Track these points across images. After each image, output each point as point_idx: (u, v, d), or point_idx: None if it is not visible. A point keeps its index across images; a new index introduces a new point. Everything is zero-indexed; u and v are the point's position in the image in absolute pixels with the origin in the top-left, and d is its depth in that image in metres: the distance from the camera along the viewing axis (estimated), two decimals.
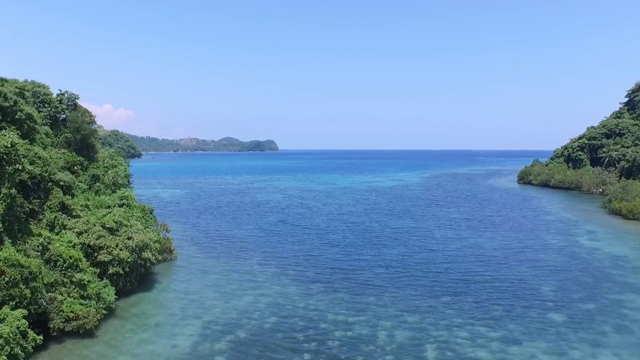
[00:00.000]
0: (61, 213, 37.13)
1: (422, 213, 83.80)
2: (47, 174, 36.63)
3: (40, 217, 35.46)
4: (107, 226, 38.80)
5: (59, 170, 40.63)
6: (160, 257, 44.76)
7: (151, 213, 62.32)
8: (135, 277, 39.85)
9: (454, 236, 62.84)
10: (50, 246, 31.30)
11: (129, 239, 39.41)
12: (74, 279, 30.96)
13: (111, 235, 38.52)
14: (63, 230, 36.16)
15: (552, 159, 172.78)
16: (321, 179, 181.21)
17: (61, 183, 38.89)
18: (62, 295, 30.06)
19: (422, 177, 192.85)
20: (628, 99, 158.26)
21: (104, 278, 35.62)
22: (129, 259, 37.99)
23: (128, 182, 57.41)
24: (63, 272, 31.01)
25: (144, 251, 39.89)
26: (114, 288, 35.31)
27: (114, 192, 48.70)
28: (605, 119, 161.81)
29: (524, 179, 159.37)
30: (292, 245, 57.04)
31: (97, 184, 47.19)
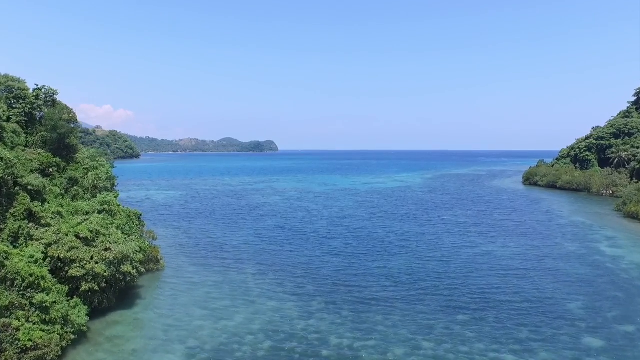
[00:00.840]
0: (27, 222, 32.72)
1: (428, 217, 79.38)
2: (11, 177, 32.23)
3: (2, 226, 31.06)
4: (82, 236, 34.39)
5: (28, 173, 36.29)
6: (143, 269, 40.29)
7: (139, 219, 57.93)
8: (114, 293, 35.44)
9: (465, 243, 58.41)
10: (7, 262, 26.86)
11: (106, 250, 35.00)
12: (34, 301, 26.52)
13: (86, 247, 34.11)
14: (29, 242, 31.79)
15: (557, 159, 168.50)
16: (321, 180, 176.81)
17: (29, 187, 34.50)
18: (19, 321, 25.63)
19: (425, 178, 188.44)
20: (636, 97, 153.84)
21: (75, 296, 31.22)
22: (105, 273, 33.56)
23: (113, 185, 52.91)
24: (21, 292, 26.57)
25: (124, 264, 35.45)
26: (86, 307, 30.91)
27: (94, 196, 44.29)
28: (612, 118, 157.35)
29: (529, 180, 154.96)
30: (291, 255, 52.58)
31: (75, 187, 42.76)
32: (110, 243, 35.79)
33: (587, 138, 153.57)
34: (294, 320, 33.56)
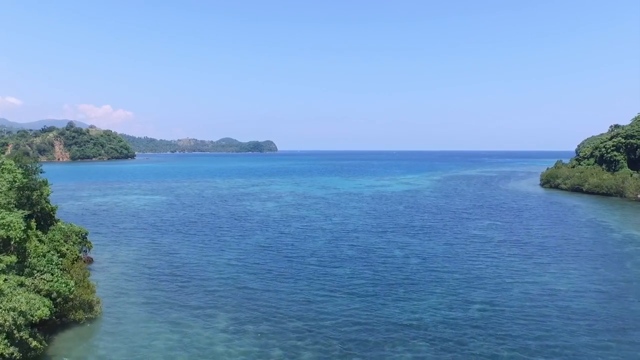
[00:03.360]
0: None
1: (453, 231, 65.26)
2: None
3: None
4: None
5: None
6: (35, 343, 25.91)
7: (83, 239, 43.81)
8: None
9: (512, 273, 44.28)
10: None
11: None
12: None
13: None
14: None
15: (577, 159, 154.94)
16: (321, 182, 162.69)
17: None
18: None
19: (433, 180, 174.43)
20: None
21: None
22: None
23: (41, 195, 38.84)
24: None
25: None
26: None
27: None
28: (639, 114, 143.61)
29: (550, 182, 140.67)
30: (281, 295, 38.25)
31: None
32: None
33: (613, 137, 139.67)
34: None
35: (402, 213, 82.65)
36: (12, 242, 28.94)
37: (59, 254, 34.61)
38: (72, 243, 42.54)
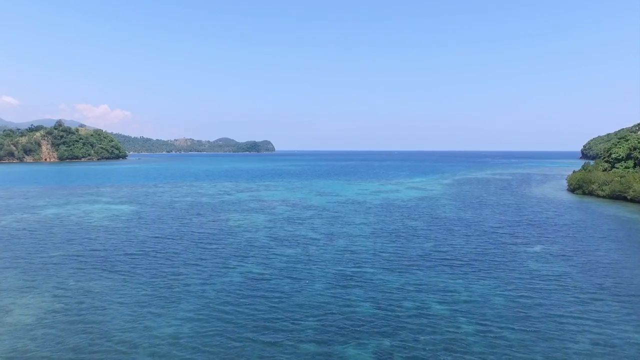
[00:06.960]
0: None
1: (502, 265, 47.19)
2: None
3: None
4: None
5: None
6: None
7: None
8: None
9: None
10: None
11: None
12: None
13: None
14: None
15: (609, 162, 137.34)
16: (319, 187, 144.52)
17: None
18: None
19: (444, 184, 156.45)
20: None
21: None
22: None
23: None
24: None
25: None
26: None
27: None
28: None
29: (582, 188, 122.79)
30: None
31: None
32: None
33: None
34: None
35: (423, 234, 64.53)
36: None
37: None
38: None
